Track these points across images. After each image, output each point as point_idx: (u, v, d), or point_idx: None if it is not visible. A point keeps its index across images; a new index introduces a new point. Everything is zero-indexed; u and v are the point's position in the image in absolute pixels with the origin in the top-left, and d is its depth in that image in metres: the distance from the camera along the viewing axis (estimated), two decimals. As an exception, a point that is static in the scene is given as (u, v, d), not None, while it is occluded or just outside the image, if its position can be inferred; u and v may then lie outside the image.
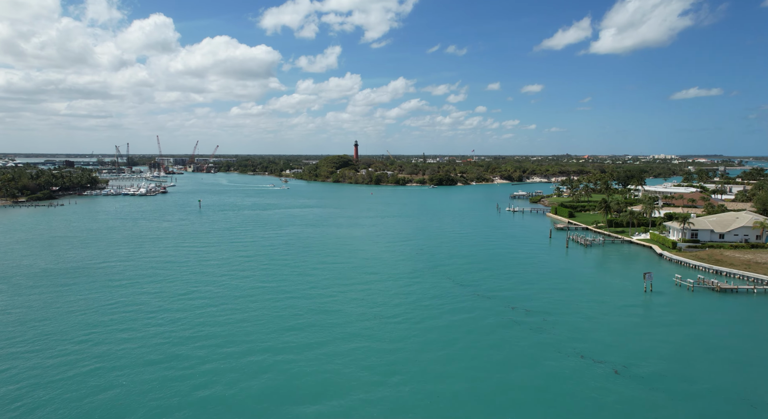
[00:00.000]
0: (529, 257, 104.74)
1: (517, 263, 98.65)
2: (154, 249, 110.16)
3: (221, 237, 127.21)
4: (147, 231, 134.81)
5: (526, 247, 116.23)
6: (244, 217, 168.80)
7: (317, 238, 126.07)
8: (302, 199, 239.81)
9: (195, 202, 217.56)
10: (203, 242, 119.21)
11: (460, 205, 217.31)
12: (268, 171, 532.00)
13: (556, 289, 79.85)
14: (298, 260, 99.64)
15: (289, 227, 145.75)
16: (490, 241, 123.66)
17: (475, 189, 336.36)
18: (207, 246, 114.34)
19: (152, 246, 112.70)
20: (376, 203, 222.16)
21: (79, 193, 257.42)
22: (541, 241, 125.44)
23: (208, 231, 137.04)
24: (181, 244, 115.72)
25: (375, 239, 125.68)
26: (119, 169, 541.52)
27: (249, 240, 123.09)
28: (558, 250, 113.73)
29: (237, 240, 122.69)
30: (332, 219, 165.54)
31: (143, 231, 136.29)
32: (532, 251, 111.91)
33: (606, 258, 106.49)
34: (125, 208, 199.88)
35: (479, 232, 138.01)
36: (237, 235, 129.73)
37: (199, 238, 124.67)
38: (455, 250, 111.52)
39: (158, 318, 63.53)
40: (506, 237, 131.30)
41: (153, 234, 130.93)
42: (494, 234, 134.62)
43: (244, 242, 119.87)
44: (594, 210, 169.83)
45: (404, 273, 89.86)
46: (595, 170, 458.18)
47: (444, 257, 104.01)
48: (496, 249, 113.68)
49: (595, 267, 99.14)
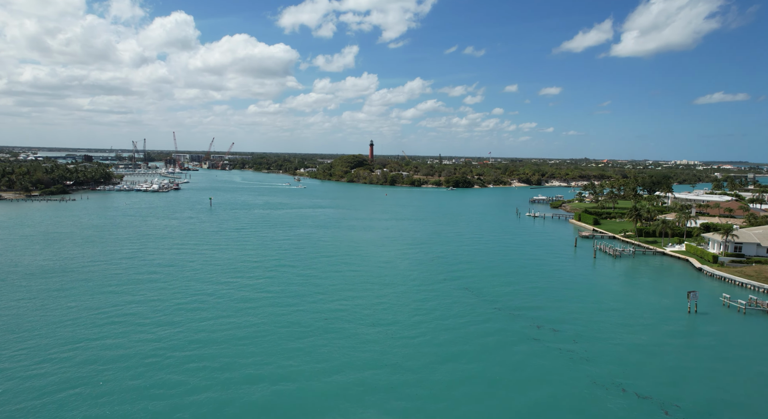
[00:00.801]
0: (553, 268, 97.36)
1: (540, 275, 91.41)
2: (157, 249, 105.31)
3: (229, 238, 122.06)
4: (153, 230, 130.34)
5: (550, 257, 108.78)
6: (255, 217, 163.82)
7: (328, 241, 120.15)
8: (315, 199, 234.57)
9: (206, 200, 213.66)
10: (209, 243, 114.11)
11: (477, 209, 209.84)
12: (282, 169, 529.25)
13: (586, 307, 72.61)
14: (307, 266, 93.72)
15: (299, 228, 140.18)
16: (511, 249, 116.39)
17: (493, 192, 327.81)
18: (213, 248, 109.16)
19: (156, 247, 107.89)
20: (391, 204, 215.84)
21: (92, 188, 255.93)
22: (565, 250, 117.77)
23: (216, 231, 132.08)
24: (186, 245, 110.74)
25: (389, 243, 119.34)
26: (135, 165, 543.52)
27: (257, 241, 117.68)
28: (584, 261, 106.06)
29: (244, 241, 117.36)
30: (345, 220, 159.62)
31: (150, 229, 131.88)
32: (557, 261, 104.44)
33: (639, 271, 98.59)
34: (136, 204, 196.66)
35: (498, 239, 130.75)
36: (245, 236, 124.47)
37: (205, 239, 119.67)
38: (474, 258, 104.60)
39: (151, 334, 57.92)
40: (527, 244, 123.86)
41: (159, 232, 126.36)
42: (514, 242, 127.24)
43: (252, 244, 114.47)
44: (620, 218, 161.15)
45: (421, 283, 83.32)
46: (616, 175, 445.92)
47: (462, 266, 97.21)
48: (517, 258, 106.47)
49: (627, 281, 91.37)
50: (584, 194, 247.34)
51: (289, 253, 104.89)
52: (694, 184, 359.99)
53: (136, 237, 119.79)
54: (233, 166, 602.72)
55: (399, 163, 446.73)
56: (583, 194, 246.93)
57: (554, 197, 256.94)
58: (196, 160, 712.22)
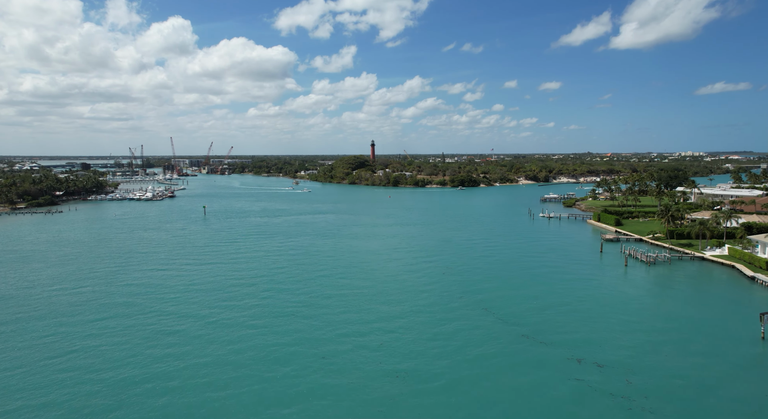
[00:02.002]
0: (581, 279, 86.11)
1: (568, 288, 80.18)
2: (138, 269, 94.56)
3: (219, 253, 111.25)
4: (138, 245, 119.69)
5: (575, 265, 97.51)
6: (250, 226, 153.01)
7: (328, 254, 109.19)
8: (315, 204, 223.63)
9: (201, 208, 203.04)
10: (197, 259, 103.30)
11: (486, 210, 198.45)
12: (282, 172, 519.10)
13: (629, 329, 61.45)
14: (304, 287, 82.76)
15: (297, 238, 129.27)
16: (529, 257, 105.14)
17: (500, 190, 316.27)
18: (200, 266, 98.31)
19: (137, 266, 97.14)
20: (395, 208, 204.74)
21: (83, 198, 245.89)
22: (590, 257, 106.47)
23: (206, 244, 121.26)
24: (170, 263, 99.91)
25: (395, 254, 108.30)
26: (133, 172, 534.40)
27: (250, 256, 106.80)
28: (614, 269, 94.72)
29: (236, 256, 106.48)
30: (346, 227, 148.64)
31: (135, 243, 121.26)
32: (584, 270, 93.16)
33: (680, 281, 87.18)
34: (127, 214, 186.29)
35: (514, 245, 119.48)
36: (238, 250, 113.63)
37: (193, 254, 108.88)
38: (490, 270, 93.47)
39: (105, 393, 47.04)
40: (547, 250, 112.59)
41: (144, 248, 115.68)
42: (532, 248, 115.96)
43: (245, 259, 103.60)
44: (643, 217, 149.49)
45: (434, 304, 72.27)
46: (625, 169, 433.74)
47: (478, 280, 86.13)
48: (538, 268, 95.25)
49: (671, 295, 79.88)
50: (598, 191, 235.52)
51: (284, 271, 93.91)
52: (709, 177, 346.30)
53: (117, 254, 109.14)
54: (233, 170, 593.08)
55: (401, 163, 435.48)
56: (597, 191, 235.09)
57: (566, 195, 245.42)
58: (196, 165, 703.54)
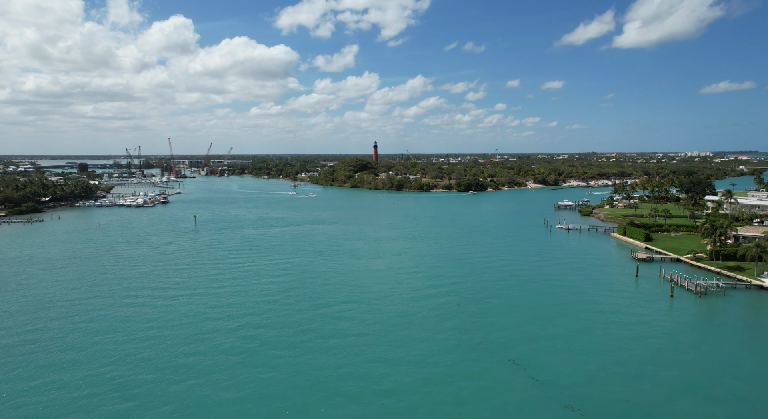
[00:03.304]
0: (621, 315, 72.90)
1: (609, 329, 66.93)
2: (106, 299, 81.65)
3: (203, 274, 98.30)
4: (114, 265, 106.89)
5: (608, 294, 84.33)
6: (243, 239, 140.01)
7: (326, 277, 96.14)
8: (315, 211, 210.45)
9: (192, 217, 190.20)
10: (175, 286, 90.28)
11: (497, 219, 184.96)
12: (283, 174, 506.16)
13: (707, 396, 48.25)
14: (296, 325, 69.77)
15: (293, 256, 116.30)
16: (554, 282, 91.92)
17: (508, 195, 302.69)
18: (177, 292, 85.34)
19: (106, 294, 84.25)
20: (400, 217, 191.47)
21: (71, 204, 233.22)
22: (625, 282, 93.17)
23: (190, 265, 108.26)
24: (143, 291, 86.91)
25: (402, 279, 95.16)
26: (130, 173, 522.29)
27: (237, 281, 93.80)
28: (658, 301, 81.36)
29: (221, 282, 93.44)
30: (347, 242, 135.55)
31: (111, 263, 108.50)
32: (622, 302, 79.91)
33: (745, 319, 73.79)
34: (113, 223, 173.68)
35: (534, 265, 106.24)
36: (224, 272, 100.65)
37: (173, 278, 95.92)
38: (511, 300, 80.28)
39: None
40: (572, 272, 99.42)
41: (119, 269, 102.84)
42: (555, 269, 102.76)
43: (230, 286, 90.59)
44: (675, 232, 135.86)
45: (450, 351, 59.14)
46: (636, 171, 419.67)
47: (499, 314, 73.10)
48: (564, 296, 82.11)
49: (744, 341, 66.43)
50: (615, 197, 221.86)
51: (274, 304, 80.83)
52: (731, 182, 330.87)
53: (87, 276, 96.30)
54: (232, 171, 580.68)
55: (405, 165, 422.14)
56: (613, 197, 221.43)
57: (580, 201, 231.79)
58: (195, 165, 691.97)
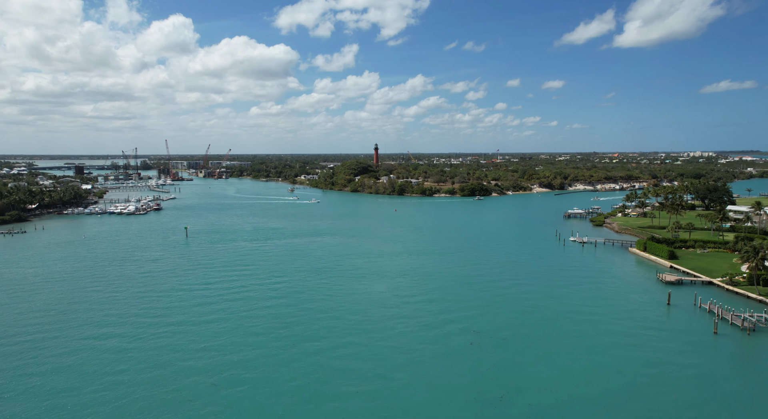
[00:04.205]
0: (669, 368, 63.16)
1: (658, 390, 57.22)
2: (69, 338, 72.01)
3: (187, 302, 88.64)
4: (91, 288, 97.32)
5: (642, 330, 74.67)
6: (235, 255, 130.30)
7: (323, 305, 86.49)
8: (314, 220, 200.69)
9: (185, 226, 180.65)
10: (153, 317, 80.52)
11: (506, 230, 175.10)
12: (282, 177, 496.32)
13: None
14: (286, 374, 60.12)
15: (288, 276, 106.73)
16: (578, 314, 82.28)
17: (513, 201, 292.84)
18: (153, 328, 75.66)
19: (73, 327, 74.64)
20: (403, 226, 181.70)
21: (59, 212, 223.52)
22: (656, 312, 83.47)
23: (174, 288, 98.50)
24: (116, 325, 77.19)
25: (406, 307, 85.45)
26: (126, 175, 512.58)
27: (224, 310, 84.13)
28: (700, 340, 71.61)
29: (206, 313, 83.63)
30: (347, 258, 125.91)
31: (88, 286, 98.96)
32: (660, 342, 70.23)
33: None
34: (101, 234, 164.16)
35: (552, 290, 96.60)
36: (210, 299, 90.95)
37: (151, 307, 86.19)
38: (530, 337, 70.56)
39: None
40: (597, 300, 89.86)
41: (95, 294, 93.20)
42: (576, 296, 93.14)
43: (215, 317, 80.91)
44: (702, 249, 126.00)
45: (464, 407, 49.51)
46: (643, 174, 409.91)
47: (517, 356, 63.35)
48: (588, 331, 72.45)
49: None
50: (627, 204, 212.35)
51: (262, 346, 71.14)
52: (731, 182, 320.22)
53: (56, 305, 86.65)
54: (230, 173, 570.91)
55: (406, 168, 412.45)
56: (626, 205, 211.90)
57: (590, 209, 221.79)
58: (194, 166, 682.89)
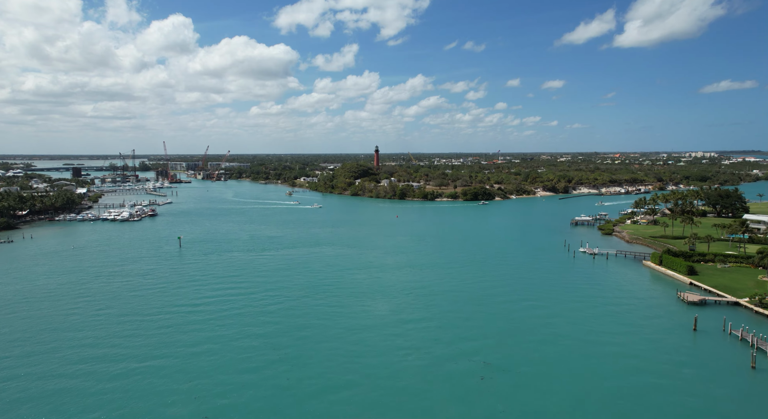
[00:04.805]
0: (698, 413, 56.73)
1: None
2: (27, 376, 65.57)
3: (169, 329, 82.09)
4: (73, 309, 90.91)
5: (670, 364, 68.21)
6: (229, 268, 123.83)
7: (320, 332, 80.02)
8: (313, 228, 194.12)
9: (179, 233, 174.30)
10: (134, 346, 73.94)
11: (512, 239, 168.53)
12: (281, 179, 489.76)
13: None
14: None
15: (283, 294, 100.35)
16: (597, 342, 75.87)
17: (517, 205, 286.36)
18: (131, 362, 69.16)
19: (46, 356, 68.16)
20: (405, 235, 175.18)
21: (50, 218, 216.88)
22: (682, 340, 76.98)
23: (162, 309, 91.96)
24: (91, 359, 70.69)
25: (410, 333, 78.97)
26: (124, 177, 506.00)
27: (212, 338, 77.66)
28: (735, 376, 65.15)
29: (192, 343, 77.08)
30: (347, 272, 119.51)
31: (70, 306, 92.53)
32: (692, 379, 63.77)
33: None
34: (90, 244, 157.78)
35: (567, 312, 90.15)
36: (198, 322, 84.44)
37: (135, 333, 79.63)
38: (549, 372, 64.07)
39: None
40: (615, 324, 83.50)
41: (76, 316, 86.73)
42: (593, 320, 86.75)
43: (201, 346, 74.44)
44: (722, 263, 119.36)
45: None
46: (649, 177, 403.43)
47: (537, 397, 56.90)
48: (617, 370, 65.91)
49: None
50: (636, 211, 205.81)
51: (249, 385, 64.60)
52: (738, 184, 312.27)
53: (30, 331, 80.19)
54: (229, 175, 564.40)
55: (407, 171, 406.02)
56: (634, 212, 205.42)
57: (598, 215, 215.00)
58: (193, 168, 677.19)
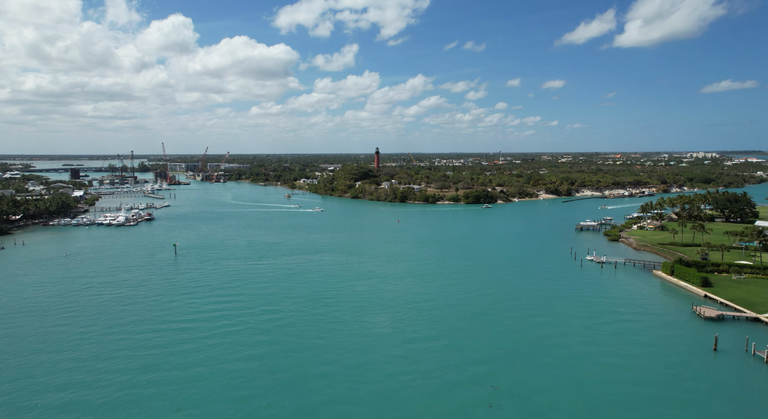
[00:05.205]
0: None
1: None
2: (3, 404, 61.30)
3: (158, 350, 77.70)
4: (56, 325, 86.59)
5: (694, 391, 63.87)
6: (225, 278, 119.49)
7: (318, 348, 75.66)
8: (312, 234, 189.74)
9: (176, 239, 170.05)
10: (115, 375, 69.47)
11: (516, 245, 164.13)
12: (281, 180, 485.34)
13: None
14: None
15: (279, 306, 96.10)
16: (613, 365, 71.59)
17: (521, 209, 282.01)
18: (109, 393, 64.77)
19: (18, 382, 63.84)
20: (406, 241, 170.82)
21: (44, 223, 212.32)
22: (704, 362, 72.66)
23: (151, 323, 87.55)
24: (70, 387, 66.24)
25: (414, 354, 74.63)
26: (122, 179, 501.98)
27: (201, 360, 73.29)
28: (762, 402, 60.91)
29: (179, 363, 72.66)
30: (347, 282, 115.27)
31: (54, 323, 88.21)
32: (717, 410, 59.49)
33: None
34: (83, 251, 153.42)
35: (578, 330, 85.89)
36: (189, 342, 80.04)
37: (118, 355, 75.31)
38: (564, 399, 59.73)
39: None
40: (630, 343, 79.24)
41: (58, 335, 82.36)
42: (606, 338, 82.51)
43: (189, 373, 69.96)
44: (737, 274, 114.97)
45: None
46: (653, 179, 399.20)
47: None
48: (638, 401, 61.61)
49: None
50: (643, 216, 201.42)
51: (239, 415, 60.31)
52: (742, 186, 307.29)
53: (6, 352, 75.88)
54: (229, 177, 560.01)
55: (408, 173, 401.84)
56: (641, 216, 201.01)
57: (603, 220, 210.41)
58: (192, 169, 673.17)
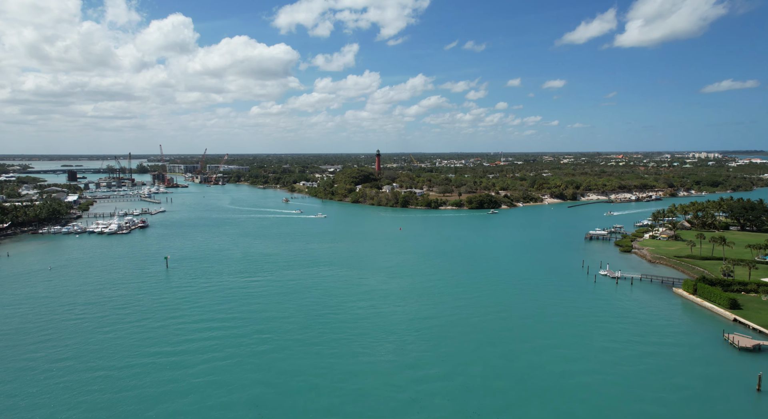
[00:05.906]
0: None
1: None
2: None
3: (136, 390, 70.18)
4: (30, 353, 79.16)
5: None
6: (217, 296, 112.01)
7: (315, 388, 68.18)
8: (311, 243, 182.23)
9: (169, 248, 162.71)
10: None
11: (523, 256, 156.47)
12: (280, 183, 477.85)
13: None
14: None
15: (274, 331, 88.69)
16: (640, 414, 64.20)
17: (526, 214, 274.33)
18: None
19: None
20: (409, 253, 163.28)
21: (34, 231, 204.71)
22: (745, 409, 65.25)
23: (133, 354, 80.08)
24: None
25: (418, 387, 67.11)
26: (120, 181, 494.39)
27: (183, 406, 65.87)
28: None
29: (159, 411, 65.38)
30: (346, 300, 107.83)
31: (28, 351, 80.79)
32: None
33: None
34: (69, 264, 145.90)
35: (595, 364, 78.46)
36: (173, 378, 72.55)
37: (95, 398, 67.88)
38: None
39: None
40: (660, 384, 71.84)
41: (30, 366, 74.95)
42: (630, 375, 75.15)
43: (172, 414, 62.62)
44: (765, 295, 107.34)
45: None
46: (659, 183, 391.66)
47: None
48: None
49: None
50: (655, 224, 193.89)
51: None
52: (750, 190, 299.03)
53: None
54: (228, 178, 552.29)
55: (409, 176, 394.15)
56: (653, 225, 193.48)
57: (613, 228, 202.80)
58: (191, 170, 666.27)
